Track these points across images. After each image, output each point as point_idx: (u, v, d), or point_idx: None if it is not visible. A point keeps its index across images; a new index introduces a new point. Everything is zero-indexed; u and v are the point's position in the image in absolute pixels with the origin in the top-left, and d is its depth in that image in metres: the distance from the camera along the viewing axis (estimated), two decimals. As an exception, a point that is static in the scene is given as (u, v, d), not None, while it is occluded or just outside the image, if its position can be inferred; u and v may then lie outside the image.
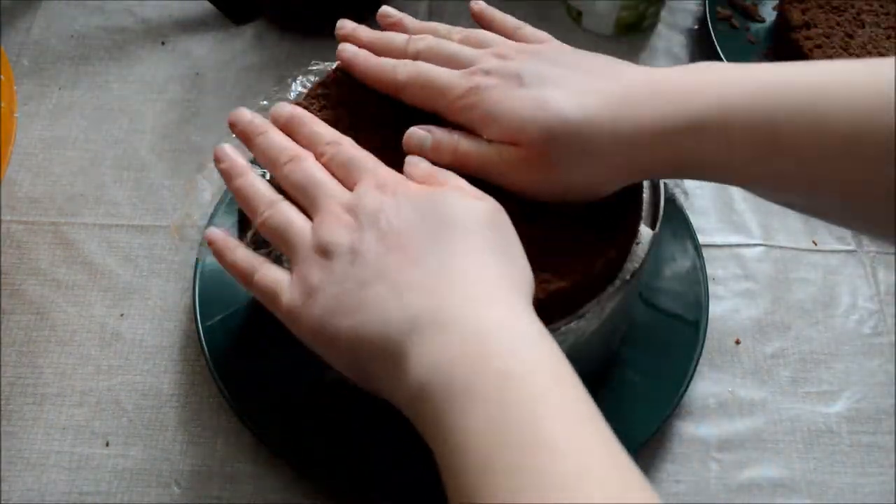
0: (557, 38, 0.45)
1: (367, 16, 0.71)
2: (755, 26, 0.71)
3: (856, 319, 0.57)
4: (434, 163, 0.40)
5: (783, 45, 0.67)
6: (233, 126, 0.43)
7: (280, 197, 0.39)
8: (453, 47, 0.43)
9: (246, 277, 0.39)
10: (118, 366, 0.53)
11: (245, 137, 0.42)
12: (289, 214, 0.38)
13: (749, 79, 0.37)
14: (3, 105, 0.52)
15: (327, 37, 0.70)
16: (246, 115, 0.43)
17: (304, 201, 0.39)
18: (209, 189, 0.46)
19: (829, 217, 0.40)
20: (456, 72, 0.41)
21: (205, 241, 0.42)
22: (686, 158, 0.37)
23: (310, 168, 0.39)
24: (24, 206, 0.60)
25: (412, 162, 0.40)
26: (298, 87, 0.48)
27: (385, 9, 0.47)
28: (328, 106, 0.46)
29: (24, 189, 0.61)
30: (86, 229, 0.59)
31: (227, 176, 0.41)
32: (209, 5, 0.71)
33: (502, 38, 0.44)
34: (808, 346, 0.56)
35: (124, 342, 0.54)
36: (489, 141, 0.39)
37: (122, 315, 0.55)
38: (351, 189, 0.38)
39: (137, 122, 0.65)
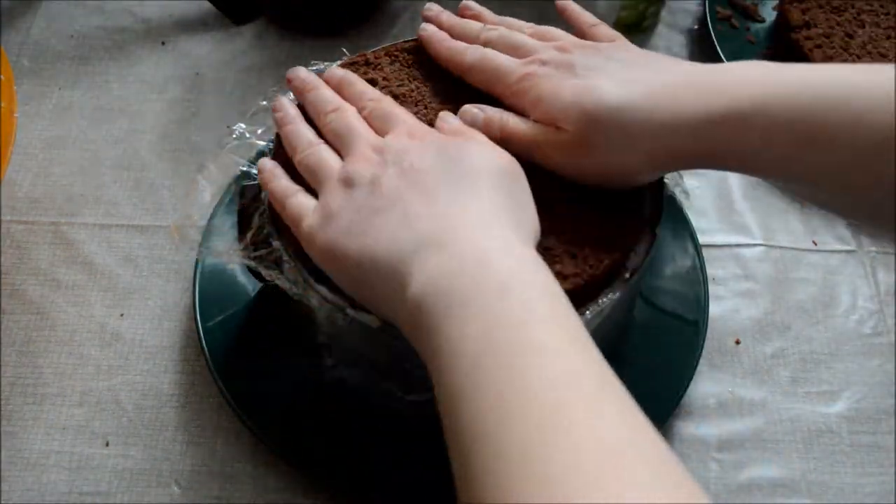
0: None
1: (367, 15, 0.71)
2: (755, 26, 0.71)
3: (856, 319, 0.57)
4: None
5: (783, 45, 0.67)
6: (289, 81, 0.46)
7: (320, 141, 0.42)
8: (520, 38, 0.45)
9: (280, 202, 0.41)
10: (118, 366, 0.53)
11: (298, 92, 0.45)
12: (324, 154, 0.41)
13: (789, 74, 0.38)
14: (3, 105, 0.52)
15: (327, 37, 0.70)
16: (302, 71, 0.46)
17: (340, 146, 0.42)
18: (209, 189, 0.47)
19: (866, 217, 0.41)
20: (516, 59, 0.44)
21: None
22: (723, 149, 0.38)
23: (349, 117, 0.42)
24: (24, 206, 0.60)
25: (444, 118, 0.43)
26: (298, 86, 0.48)
27: (467, 2, 0.50)
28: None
29: (24, 189, 0.61)
30: (86, 229, 0.59)
31: (278, 123, 0.45)
32: (209, 5, 0.71)
33: (569, 35, 0.46)
34: (808, 346, 0.56)
35: (124, 342, 0.54)
36: (535, 122, 0.41)
37: (122, 315, 0.55)
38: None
39: (137, 122, 0.65)
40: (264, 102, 0.46)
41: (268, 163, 0.44)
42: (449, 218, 0.35)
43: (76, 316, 0.55)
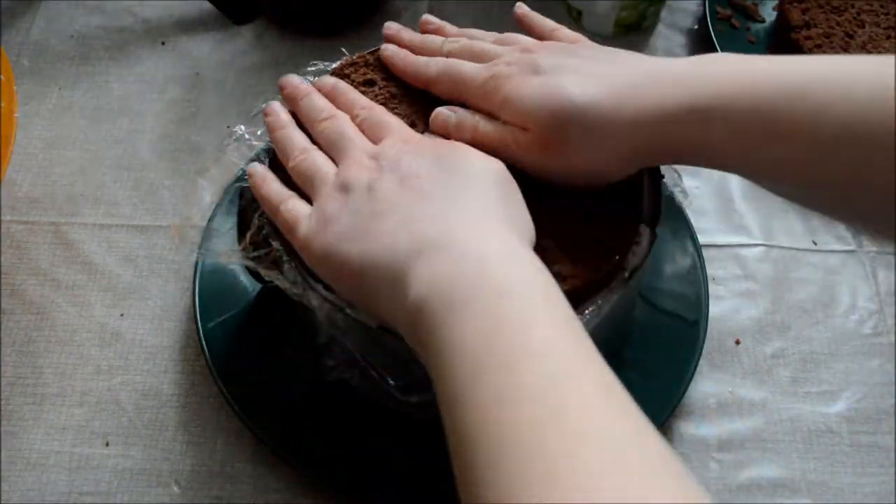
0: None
1: (367, 15, 0.71)
2: (755, 26, 0.71)
3: (856, 319, 0.57)
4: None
5: (783, 45, 0.67)
6: (281, 88, 0.46)
7: (314, 147, 0.42)
8: (484, 45, 0.45)
9: (273, 207, 0.41)
10: (118, 366, 0.53)
11: (291, 98, 0.45)
12: (318, 160, 0.41)
13: (751, 67, 0.38)
14: (3, 105, 0.52)
15: (327, 37, 0.70)
16: (294, 79, 0.46)
17: (334, 153, 0.42)
18: (209, 190, 0.47)
19: (827, 210, 0.40)
20: (481, 65, 0.44)
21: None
22: (686, 144, 0.38)
23: (343, 125, 0.43)
24: (24, 206, 0.60)
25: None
26: (298, 87, 0.48)
27: (427, 17, 0.50)
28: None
29: (24, 189, 0.61)
30: (86, 229, 0.59)
31: (270, 127, 0.45)
32: (209, 5, 0.71)
33: (531, 39, 0.46)
34: (808, 346, 0.56)
35: (124, 342, 0.54)
36: (504, 124, 0.42)
37: (122, 315, 0.55)
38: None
39: (137, 122, 0.65)
40: (265, 105, 0.46)
41: (258, 167, 0.44)
42: (447, 220, 0.36)
43: (76, 316, 0.55)
